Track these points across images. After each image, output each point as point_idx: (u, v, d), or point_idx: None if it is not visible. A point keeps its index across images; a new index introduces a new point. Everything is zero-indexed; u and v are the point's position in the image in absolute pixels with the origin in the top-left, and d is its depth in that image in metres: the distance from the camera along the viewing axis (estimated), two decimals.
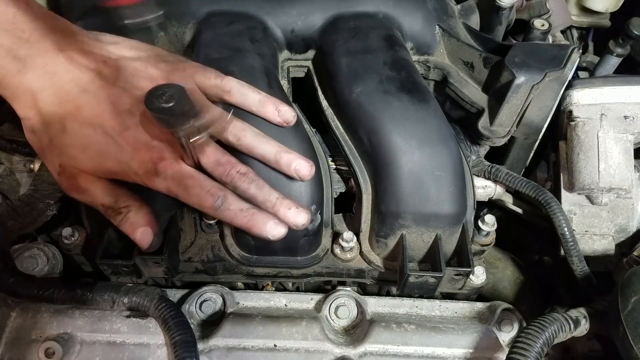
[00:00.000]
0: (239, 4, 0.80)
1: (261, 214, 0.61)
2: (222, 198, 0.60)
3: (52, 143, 0.60)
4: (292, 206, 0.62)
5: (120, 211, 0.61)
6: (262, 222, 0.61)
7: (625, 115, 0.76)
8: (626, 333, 0.55)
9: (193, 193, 0.60)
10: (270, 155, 0.63)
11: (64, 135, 0.59)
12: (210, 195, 0.60)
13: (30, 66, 0.58)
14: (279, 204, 0.62)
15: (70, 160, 0.60)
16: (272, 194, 0.62)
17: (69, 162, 0.60)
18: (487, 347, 0.65)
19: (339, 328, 0.69)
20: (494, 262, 0.81)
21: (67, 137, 0.59)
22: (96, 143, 0.59)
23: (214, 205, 0.60)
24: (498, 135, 0.78)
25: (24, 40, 0.58)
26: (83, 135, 0.59)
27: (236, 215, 0.61)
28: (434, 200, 0.65)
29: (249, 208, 0.61)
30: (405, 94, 0.70)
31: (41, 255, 0.74)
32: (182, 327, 0.61)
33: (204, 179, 0.61)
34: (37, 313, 0.65)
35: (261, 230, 0.61)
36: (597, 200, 0.77)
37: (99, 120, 0.58)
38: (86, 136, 0.59)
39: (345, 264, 0.71)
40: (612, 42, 0.94)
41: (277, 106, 0.66)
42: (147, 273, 0.68)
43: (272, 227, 0.61)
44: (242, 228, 0.62)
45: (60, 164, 0.61)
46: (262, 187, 0.62)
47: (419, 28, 0.82)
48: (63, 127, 0.58)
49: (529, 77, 0.72)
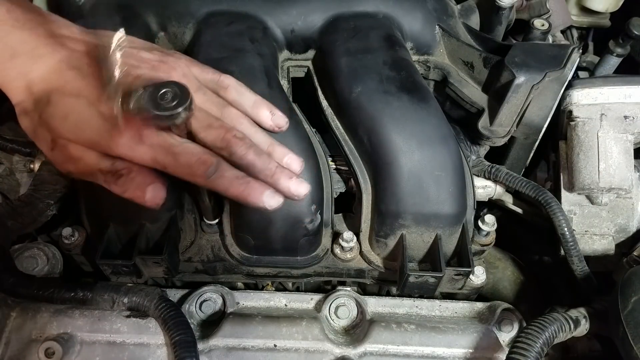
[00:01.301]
0: (239, 4, 0.80)
1: (257, 182, 0.58)
2: (215, 165, 0.56)
3: (40, 119, 0.58)
4: (293, 175, 0.59)
5: (120, 173, 0.57)
6: (259, 191, 0.57)
7: (625, 115, 0.76)
8: (626, 333, 0.55)
9: (182, 161, 0.56)
10: (264, 147, 0.62)
11: (48, 106, 0.57)
12: (202, 162, 0.56)
13: (22, 51, 0.58)
14: (280, 173, 0.59)
15: (56, 131, 0.58)
16: (272, 161, 0.59)
17: (55, 134, 0.58)
18: (487, 347, 0.65)
19: (339, 328, 0.69)
20: (494, 262, 0.81)
21: (50, 107, 0.57)
22: (78, 112, 0.57)
23: (207, 173, 0.56)
24: (498, 135, 0.78)
25: (17, 27, 0.58)
26: (65, 104, 0.57)
27: (231, 183, 0.57)
28: (434, 200, 0.65)
29: (244, 176, 0.58)
30: (405, 94, 0.70)
31: (41, 255, 0.74)
32: (182, 327, 0.61)
33: (194, 146, 0.57)
34: (37, 313, 0.65)
35: (257, 200, 0.57)
36: (597, 200, 0.77)
37: (84, 92, 0.57)
38: (68, 105, 0.57)
39: (345, 264, 0.71)
40: (612, 42, 0.95)
41: (272, 110, 0.65)
42: (147, 273, 0.68)
43: (269, 196, 0.57)
44: (236, 198, 0.58)
45: (51, 139, 0.59)
46: (261, 154, 0.59)
47: (419, 28, 0.82)
48: (48, 100, 0.57)
49: (529, 77, 0.72)
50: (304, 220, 0.66)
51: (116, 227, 0.66)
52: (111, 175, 0.58)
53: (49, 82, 0.58)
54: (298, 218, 0.66)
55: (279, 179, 0.59)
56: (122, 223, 0.67)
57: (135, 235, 0.66)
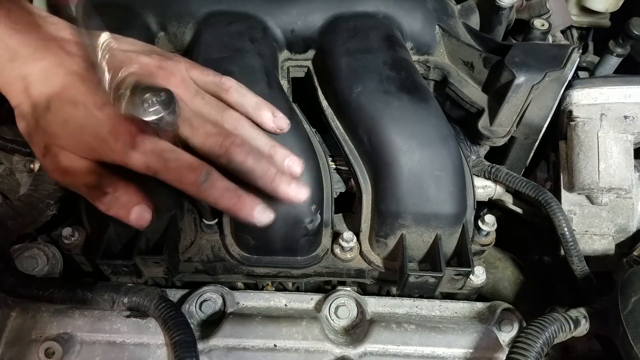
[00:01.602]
0: (239, 4, 0.80)
1: (248, 196, 0.57)
2: (206, 173, 0.55)
3: (37, 124, 0.58)
4: (293, 180, 0.59)
5: (106, 191, 0.57)
6: (250, 206, 0.56)
7: (625, 115, 0.76)
8: (626, 333, 0.55)
9: (172, 167, 0.55)
10: (265, 148, 0.62)
11: (47, 113, 0.57)
12: (192, 170, 0.55)
13: (21, 54, 0.58)
14: (279, 178, 0.58)
15: (52, 138, 0.58)
16: (271, 167, 0.59)
17: (51, 141, 0.58)
18: (487, 347, 0.65)
19: (339, 328, 0.69)
20: (494, 262, 0.81)
21: (49, 114, 0.57)
22: (76, 117, 0.57)
23: (197, 181, 0.55)
24: (498, 135, 0.78)
25: (16, 30, 0.58)
26: (65, 111, 0.57)
27: (222, 195, 0.56)
28: (434, 200, 0.65)
29: (236, 189, 0.57)
30: (405, 94, 0.70)
31: (41, 255, 0.74)
32: (182, 327, 0.61)
33: (185, 153, 0.57)
34: (37, 313, 0.65)
35: (248, 215, 0.56)
36: (597, 200, 0.77)
37: (82, 97, 0.57)
38: (67, 112, 0.57)
39: (345, 264, 0.71)
40: (612, 42, 0.95)
41: (274, 112, 0.65)
42: (147, 273, 0.68)
43: (260, 212, 0.57)
44: (226, 211, 0.57)
45: (44, 145, 0.59)
46: (260, 160, 0.59)
47: (419, 28, 0.82)
48: (47, 106, 0.57)
49: (529, 77, 0.72)
50: (304, 220, 0.66)
51: (116, 227, 0.66)
52: (97, 191, 0.57)
53: (47, 86, 0.58)
54: (298, 218, 0.66)
55: (278, 184, 0.59)
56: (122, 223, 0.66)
57: (135, 235, 0.66)
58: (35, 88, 0.58)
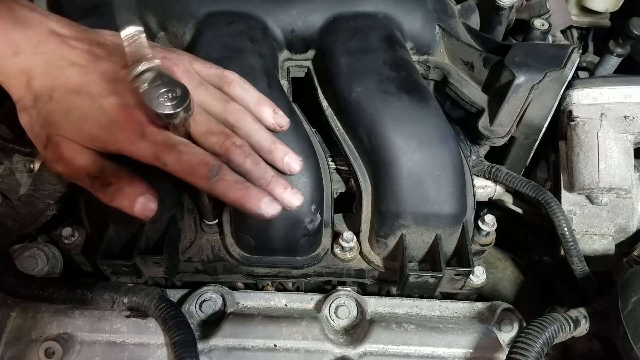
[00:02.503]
0: (239, 4, 0.80)
1: (256, 189, 0.58)
2: (217, 167, 0.56)
3: (39, 115, 0.58)
4: (288, 186, 0.60)
5: (109, 182, 0.56)
6: (257, 198, 0.57)
7: (625, 115, 0.76)
8: (626, 333, 0.55)
9: (184, 160, 0.56)
10: (266, 144, 0.62)
11: (50, 103, 0.57)
12: (204, 163, 0.56)
13: (23, 48, 0.58)
14: (275, 183, 0.60)
15: (54, 127, 0.58)
16: (268, 171, 0.60)
17: (53, 131, 0.58)
18: (487, 347, 0.65)
19: (339, 328, 0.69)
20: (494, 262, 0.81)
21: (52, 104, 0.57)
22: (79, 107, 0.57)
23: (208, 175, 0.55)
24: (498, 135, 0.78)
25: (19, 25, 0.58)
26: (68, 100, 0.57)
27: (230, 187, 0.57)
28: (434, 200, 0.65)
29: (244, 181, 0.58)
30: (405, 94, 0.70)
31: (41, 255, 0.74)
32: (182, 327, 0.61)
33: (197, 147, 0.58)
34: (37, 313, 0.65)
35: (255, 207, 0.57)
36: (597, 200, 0.77)
37: (85, 87, 0.57)
38: (71, 101, 0.57)
39: (345, 264, 0.71)
40: (612, 42, 0.94)
41: (275, 109, 0.65)
42: (147, 273, 0.68)
43: (267, 204, 0.58)
44: (234, 203, 0.58)
45: (46, 135, 0.58)
46: (259, 163, 0.60)
47: (419, 28, 0.82)
48: (50, 97, 0.57)
49: (529, 77, 0.72)
50: (304, 220, 0.66)
51: (116, 227, 0.66)
52: (99, 182, 0.57)
53: (50, 79, 0.58)
54: (298, 218, 0.66)
55: (273, 189, 0.60)
56: (122, 223, 0.67)
57: (135, 235, 0.66)
58: (37, 81, 0.58)
